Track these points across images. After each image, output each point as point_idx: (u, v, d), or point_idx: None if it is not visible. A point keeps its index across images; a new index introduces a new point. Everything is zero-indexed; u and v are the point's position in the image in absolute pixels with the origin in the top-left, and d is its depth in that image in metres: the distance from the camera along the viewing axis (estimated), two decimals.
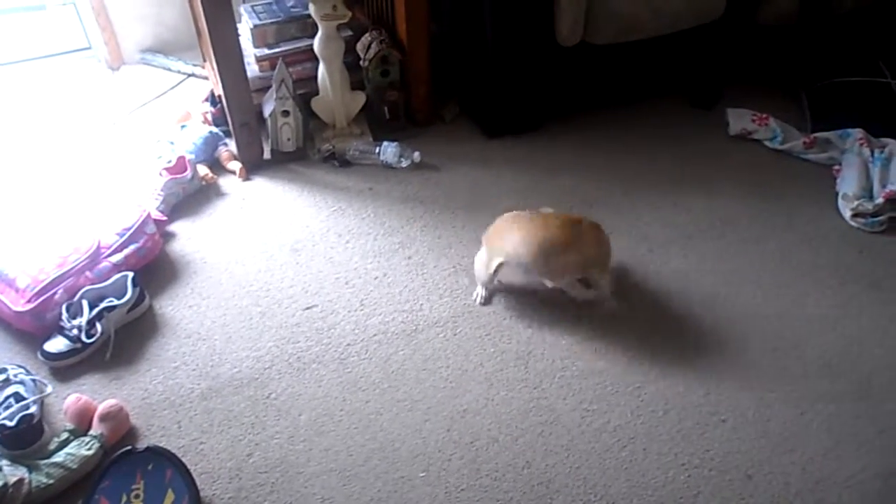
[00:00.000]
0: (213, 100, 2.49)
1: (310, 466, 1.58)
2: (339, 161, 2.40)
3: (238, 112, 2.29)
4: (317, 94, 2.41)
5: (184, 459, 1.53)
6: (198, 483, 1.51)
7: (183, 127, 2.43)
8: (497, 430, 1.64)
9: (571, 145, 2.49)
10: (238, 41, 2.18)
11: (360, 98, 2.44)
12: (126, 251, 1.94)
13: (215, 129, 2.44)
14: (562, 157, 2.44)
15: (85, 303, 1.80)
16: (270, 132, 2.36)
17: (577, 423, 1.66)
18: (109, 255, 1.93)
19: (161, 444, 1.56)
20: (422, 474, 1.56)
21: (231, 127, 2.34)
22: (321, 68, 2.34)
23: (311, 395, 1.72)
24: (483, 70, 2.38)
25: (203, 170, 2.31)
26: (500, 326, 1.87)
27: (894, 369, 1.77)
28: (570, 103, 2.55)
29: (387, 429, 1.65)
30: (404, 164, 2.37)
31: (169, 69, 2.87)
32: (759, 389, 1.73)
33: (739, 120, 2.51)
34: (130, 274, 1.87)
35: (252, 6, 2.51)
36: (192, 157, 2.29)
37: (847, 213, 2.17)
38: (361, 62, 2.41)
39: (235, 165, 2.36)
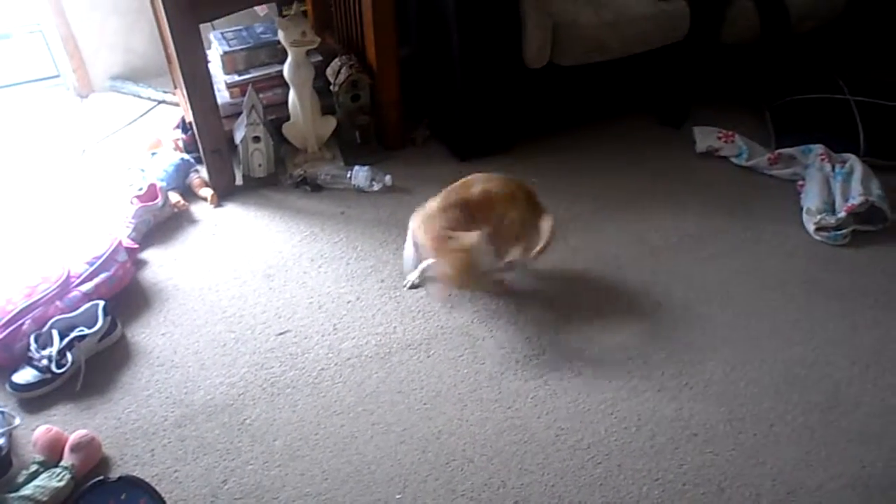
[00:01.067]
0: (183, 126, 2.50)
1: (285, 491, 1.57)
2: (310, 186, 2.41)
3: (209, 138, 2.29)
4: (287, 119, 2.42)
5: (158, 488, 1.52)
6: None
7: (154, 154, 2.43)
8: (472, 451, 1.64)
9: (541, 165, 2.51)
10: (207, 68, 2.19)
11: (331, 123, 2.46)
12: (97, 280, 1.93)
13: (186, 156, 2.44)
14: (531, 177, 2.45)
15: (55, 332, 1.78)
16: (242, 158, 2.37)
17: (551, 442, 1.67)
18: (79, 284, 1.91)
19: (134, 474, 1.55)
20: (398, 496, 1.56)
21: (202, 153, 2.34)
22: (291, 94, 2.36)
23: (285, 420, 1.71)
24: (452, 93, 2.41)
25: (174, 197, 2.31)
26: (473, 347, 1.88)
27: (860, 379, 1.81)
28: (540, 124, 2.58)
29: (362, 452, 1.64)
30: (376, 187, 2.38)
31: (139, 96, 2.87)
32: (729, 403, 1.75)
33: (706, 138, 2.56)
34: (101, 303, 1.86)
35: (222, 33, 2.53)
36: (164, 184, 2.29)
37: (811, 227, 2.22)
38: (332, 87, 2.43)
39: (207, 192, 2.36)
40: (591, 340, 1.90)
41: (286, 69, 2.31)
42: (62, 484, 1.51)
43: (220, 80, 2.48)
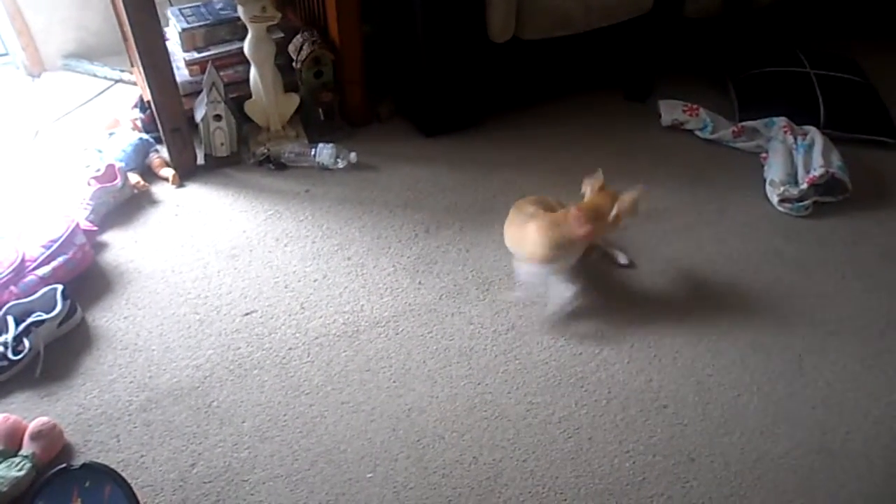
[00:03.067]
0: (142, 106, 2.43)
1: (255, 473, 1.55)
2: (274, 164, 2.37)
3: (168, 118, 2.24)
4: (249, 97, 2.37)
5: (124, 474, 1.48)
6: (140, 497, 1.46)
7: (111, 134, 2.37)
8: (443, 428, 1.64)
9: (508, 141, 2.50)
10: (165, 45, 2.13)
11: (294, 100, 2.41)
12: (54, 263, 1.88)
13: (145, 136, 2.38)
14: (499, 152, 2.45)
15: (10, 318, 1.73)
16: (203, 137, 2.32)
17: (521, 417, 1.67)
18: (35, 268, 1.86)
19: (99, 460, 1.52)
20: (369, 475, 1.55)
21: (162, 133, 2.29)
22: (253, 71, 2.31)
23: (253, 402, 1.69)
24: (416, 69, 2.38)
25: (134, 177, 2.25)
26: (441, 324, 1.87)
27: (822, 348, 1.84)
28: (506, 99, 2.57)
29: (332, 431, 1.63)
30: (341, 165, 2.35)
31: (94, 75, 2.79)
32: (697, 374, 1.77)
33: (671, 111, 2.57)
34: (60, 287, 1.81)
35: (179, 9, 2.46)
36: (122, 164, 2.23)
37: (774, 199, 2.24)
38: (294, 64, 2.38)
39: (168, 172, 2.30)
40: (558, 315, 1.90)
41: (247, 46, 2.25)
42: (22, 473, 1.48)
43: (179, 58, 2.42)
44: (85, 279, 1.96)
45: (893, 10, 3.01)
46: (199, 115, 2.27)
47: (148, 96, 2.28)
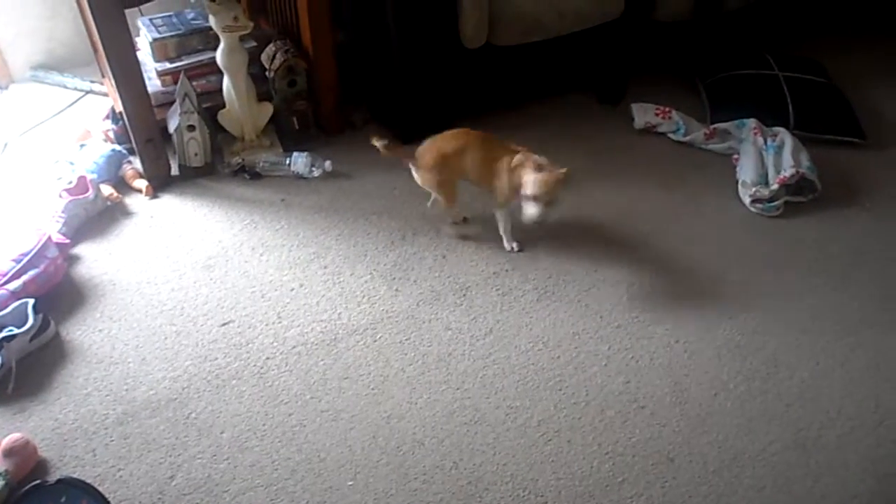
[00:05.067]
0: (114, 117, 2.41)
1: (235, 484, 1.54)
2: (249, 174, 2.36)
3: (141, 128, 2.22)
4: (223, 107, 2.36)
5: (101, 488, 1.48)
6: None
7: (83, 146, 2.34)
8: (422, 434, 1.64)
9: None
10: (136, 56, 2.12)
11: (268, 109, 2.41)
12: (24, 277, 1.86)
13: (118, 147, 2.36)
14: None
15: None
16: (177, 148, 2.30)
17: (501, 421, 1.67)
18: (6, 282, 1.84)
19: (75, 475, 1.50)
20: (350, 483, 1.55)
21: (135, 144, 2.27)
22: (226, 81, 2.30)
23: (232, 412, 1.68)
24: (390, 75, 2.38)
25: (107, 189, 2.23)
26: (419, 330, 1.87)
27: (796, 345, 1.86)
28: (481, 104, 2.57)
29: (311, 440, 1.63)
30: (316, 173, 2.35)
31: (64, 86, 2.76)
32: (674, 375, 1.78)
33: (644, 114, 2.59)
34: (31, 301, 1.79)
35: (150, 19, 2.45)
36: (94, 176, 2.21)
37: (747, 200, 2.27)
38: (267, 73, 2.38)
39: (141, 183, 2.29)
40: (536, 318, 1.91)
41: (219, 56, 2.24)
42: None
43: (151, 68, 2.40)
44: (58, 293, 1.94)
45: (853, 12, 3.08)
46: (172, 126, 2.26)
47: (120, 107, 2.26)
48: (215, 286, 1.99)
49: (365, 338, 1.85)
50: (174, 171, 2.36)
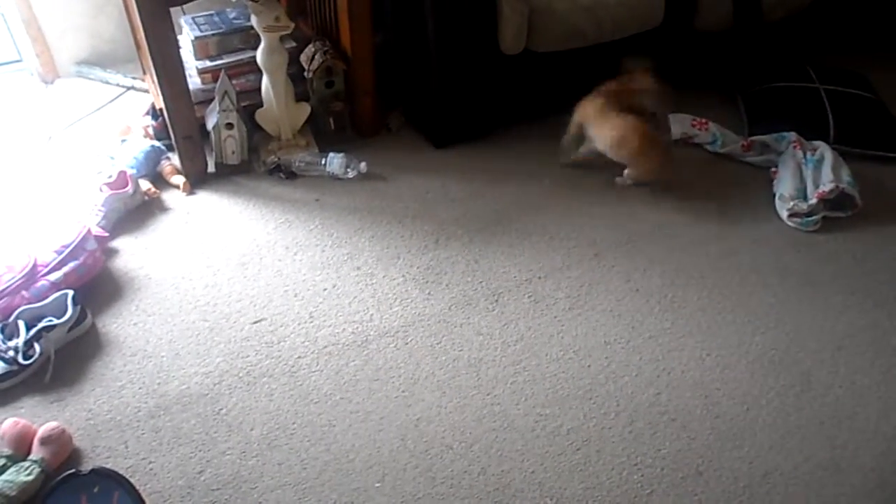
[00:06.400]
0: (154, 113, 2.45)
1: (263, 481, 1.55)
2: (284, 173, 2.38)
3: (180, 125, 2.25)
4: (261, 106, 2.38)
5: (132, 480, 1.49)
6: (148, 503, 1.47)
7: (123, 141, 2.38)
8: (451, 438, 1.64)
9: (519, 153, 2.51)
10: (179, 53, 2.14)
11: (305, 109, 2.43)
12: (65, 269, 1.89)
13: (157, 143, 2.39)
14: (509, 164, 2.46)
15: (21, 323, 1.74)
16: (214, 145, 2.33)
17: (530, 428, 1.67)
18: (47, 273, 1.87)
19: (107, 466, 1.52)
20: (377, 484, 1.55)
21: (173, 140, 2.30)
22: (265, 80, 2.32)
23: (262, 410, 1.69)
24: (427, 80, 2.39)
25: (145, 184, 2.26)
26: (451, 334, 1.87)
27: (831, 363, 1.83)
28: (517, 112, 2.57)
29: (340, 440, 1.63)
30: (351, 174, 2.36)
31: (107, 82, 2.81)
32: (706, 388, 1.76)
33: (680, 125, 2.57)
34: (70, 292, 1.82)
35: (193, 17, 2.48)
36: (134, 171, 2.24)
37: (784, 214, 2.24)
38: (305, 73, 2.39)
39: (179, 179, 2.32)
40: (568, 326, 1.91)
41: (259, 55, 2.27)
42: (31, 478, 1.48)
43: (192, 66, 2.43)
44: (95, 285, 1.97)
45: None
46: (210, 123, 2.29)
47: (160, 104, 2.29)
48: (248, 284, 2.01)
49: (396, 340, 1.86)
50: (211, 168, 2.39)
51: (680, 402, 1.73)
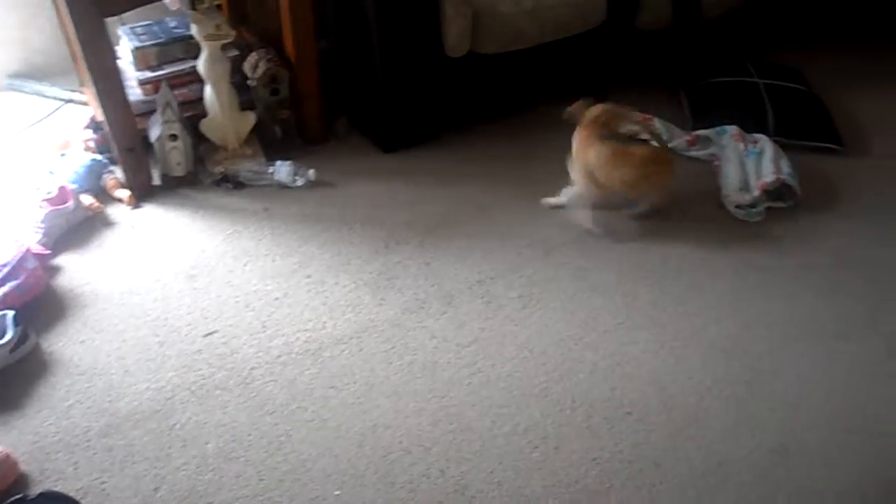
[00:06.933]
0: (94, 126, 2.39)
1: (220, 494, 1.53)
2: (232, 183, 2.35)
3: (122, 138, 2.20)
4: (205, 116, 2.35)
5: (83, 501, 1.47)
6: None
7: (62, 155, 2.32)
8: (409, 442, 1.63)
9: (467, 155, 2.52)
10: (117, 64, 2.10)
11: (251, 118, 2.40)
12: (4, 289, 1.83)
13: (99, 157, 2.34)
14: (457, 166, 2.47)
15: None
16: (159, 157, 2.29)
17: (487, 428, 1.67)
18: None
19: (57, 489, 1.48)
20: (336, 492, 1.54)
21: (116, 153, 2.25)
22: (208, 90, 2.29)
23: (217, 423, 1.67)
24: (373, 84, 2.38)
25: (87, 199, 2.21)
26: (404, 339, 1.87)
27: (779, 350, 1.87)
28: (465, 113, 2.58)
29: (297, 450, 1.61)
30: (299, 182, 2.34)
31: (43, 95, 2.73)
32: (660, 380, 1.79)
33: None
34: (11, 312, 1.76)
35: (131, 28, 2.43)
36: (75, 186, 2.19)
37: (729, 206, 2.29)
38: (249, 82, 2.37)
39: (123, 193, 2.27)
40: (522, 325, 1.92)
41: (201, 64, 2.23)
42: None
43: (132, 77, 2.38)
44: (38, 304, 1.91)
45: (829, 19, 3.12)
46: (153, 135, 2.24)
47: (100, 117, 2.24)
48: (199, 296, 1.97)
49: (350, 347, 1.85)
50: (156, 180, 2.34)
51: (635, 396, 1.75)
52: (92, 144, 2.40)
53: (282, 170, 2.33)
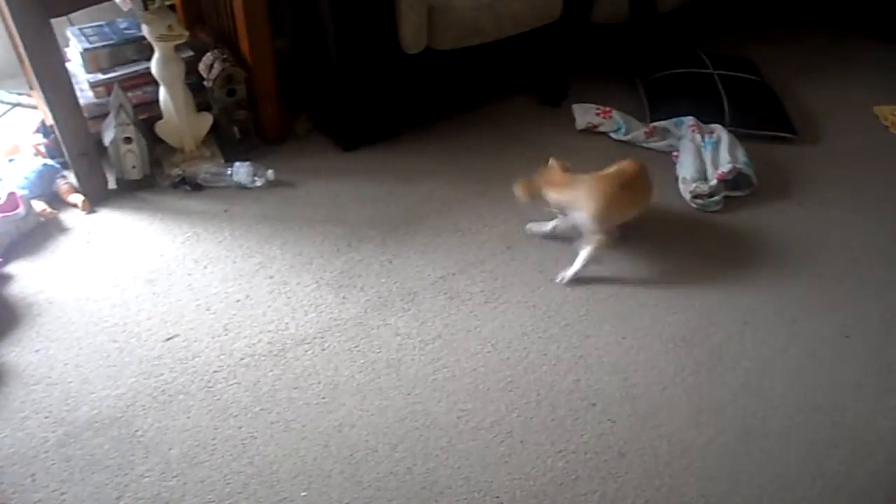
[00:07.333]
0: (44, 130, 2.34)
1: (186, 500, 1.51)
2: (190, 185, 2.31)
3: (74, 142, 2.16)
4: (160, 118, 2.31)
5: None
6: None
7: (11, 161, 2.27)
8: (375, 440, 1.63)
9: (427, 151, 2.51)
10: (65, 67, 2.06)
11: (207, 119, 2.36)
12: None
13: (50, 162, 2.29)
14: (418, 163, 2.46)
15: None
16: (113, 161, 2.24)
17: (453, 424, 1.67)
18: None
19: (13, 503, 1.45)
20: (303, 493, 1.53)
21: (68, 158, 2.20)
22: (162, 91, 2.25)
23: (180, 428, 1.64)
24: (331, 83, 2.37)
25: (39, 205, 2.16)
26: (368, 337, 1.86)
27: (739, 337, 1.90)
28: (423, 110, 2.58)
29: (262, 452, 1.60)
30: (258, 183, 2.31)
31: None
32: (623, 371, 1.81)
33: (585, 115, 2.63)
34: None
35: (80, 29, 2.38)
36: (25, 192, 2.14)
37: (687, 196, 2.32)
38: (205, 82, 2.33)
39: (77, 198, 2.22)
40: (484, 320, 1.92)
41: (154, 66, 2.19)
42: None
43: (83, 80, 2.34)
44: None
45: (779, 9, 3.19)
46: (107, 139, 2.20)
47: (50, 120, 2.19)
48: (158, 301, 1.94)
49: (313, 347, 1.83)
50: (111, 184, 2.30)
51: (599, 387, 1.77)
52: (42, 149, 2.34)
53: (241, 171, 2.31)
